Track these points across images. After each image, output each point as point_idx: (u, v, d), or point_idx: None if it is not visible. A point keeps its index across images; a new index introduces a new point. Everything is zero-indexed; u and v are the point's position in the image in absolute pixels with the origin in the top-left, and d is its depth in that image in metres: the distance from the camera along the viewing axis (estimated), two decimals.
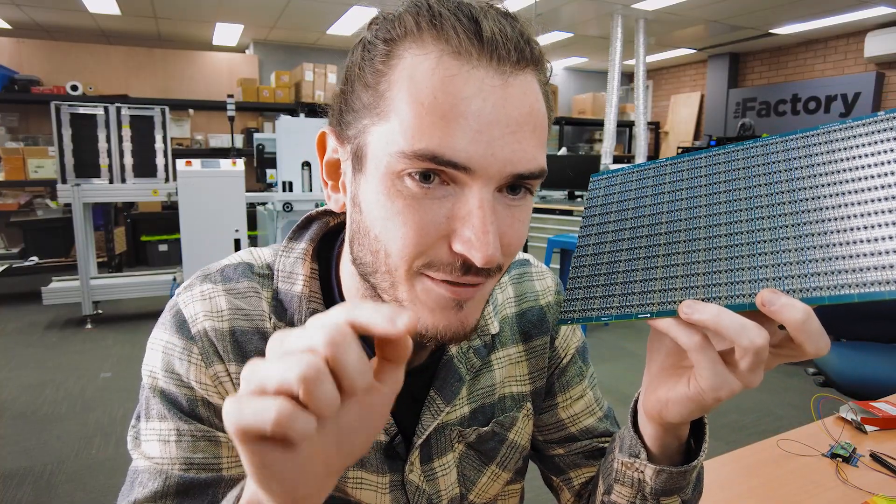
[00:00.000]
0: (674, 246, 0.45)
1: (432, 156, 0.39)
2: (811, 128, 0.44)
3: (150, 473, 0.49)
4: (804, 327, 0.37)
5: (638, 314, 0.43)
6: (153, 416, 0.51)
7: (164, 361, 0.51)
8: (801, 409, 2.91)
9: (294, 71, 6.65)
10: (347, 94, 0.45)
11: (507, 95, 0.41)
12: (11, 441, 2.46)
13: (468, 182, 0.41)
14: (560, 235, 4.38)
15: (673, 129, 8.78)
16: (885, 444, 1.05)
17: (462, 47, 0.40)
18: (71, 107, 3.97)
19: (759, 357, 0.38)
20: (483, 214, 0.40)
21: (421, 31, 0.41)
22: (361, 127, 0.44)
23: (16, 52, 6.14)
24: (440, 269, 0.42)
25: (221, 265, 0.56)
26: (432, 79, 0.40)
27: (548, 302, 0.67)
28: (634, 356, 3.70)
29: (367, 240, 0.45)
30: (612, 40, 6.06)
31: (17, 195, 5.69)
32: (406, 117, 0.40)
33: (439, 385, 0.57)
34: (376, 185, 0.42)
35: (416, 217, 0.41)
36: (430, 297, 0.44)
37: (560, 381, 0.67)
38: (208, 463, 0.50)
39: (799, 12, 5.79)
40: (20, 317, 4.32)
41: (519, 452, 0.65)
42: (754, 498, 0.90)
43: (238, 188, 3.91)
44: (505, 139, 0.40)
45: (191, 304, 0.52)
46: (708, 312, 0.39)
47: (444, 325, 0.44)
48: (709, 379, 0.40)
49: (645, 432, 0.52)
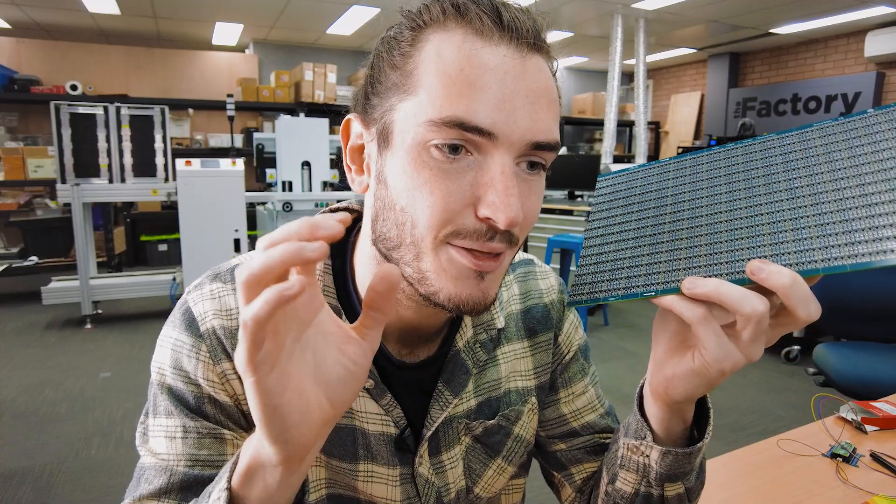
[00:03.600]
0: (677, 231, 0.48)
1: (459, 122, 0.42)
2: (807, 125, 0.48)
3: (155, 470, 0.50)
4: (791, 292, 0.38)
5: (643, 293, 0.45)
6: (160, 412, 0.52)
7: (173, 358, 0.52)
8: (801, 409, 2.91)
9: (294, 70, 6.65)
10: (373, 79, 0.48)
11: (526, 69, 0.44)
12: (11, 441, 2.46)
13: (491, 150, 0.44)
14: (560, 235, 4.38)
15: (673, 129, 8.78)
16: (885, 444, 1.04)
17: (485, 28, 0.44)
18: (70, 106, 3.97)
19: (761, 326, 0.40)
20: (506, 179, 0.43)
21: (446, 18, 0.45)
22: (388, 106, 0.47)
23: (15, 52, 6.14)
24: (466, 237, 0.45)
25: (232, 264, 0.57)
26: (458, 53, 0.44)
27: (552, 300, 0.69)
28: (634, 356, 3.70)
29: (392, 213, 0.47)
30: (612, 40, 6.06)
31: (16, 195, 5.69)
32: (434, 88, 0.43)
33: (447, 378, 0.59)
34: (403, 157, 0.45)
35: (442, 186, 0.44)
36: (455, 267, 0.46)
37: (563, 376, 0.69)
38: (213, 460, 0.51)
39: (799, 12, 5.79)
40: (20, 317, 4.32)
41: (524, 447, 0.66)
42: (754, 498, 0.90)
43: (238, 188, 3.91)
44: (525, 109, 0.44)
45: (200, 302, 0.54)
46: (710, 285, 0.41)
47: (467, 294, 0.46)
48: (713, 351, 0.42)
49: (650, 414, 0.52)
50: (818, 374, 2.27)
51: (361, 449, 0.56)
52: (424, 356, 0.58)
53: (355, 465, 0.56)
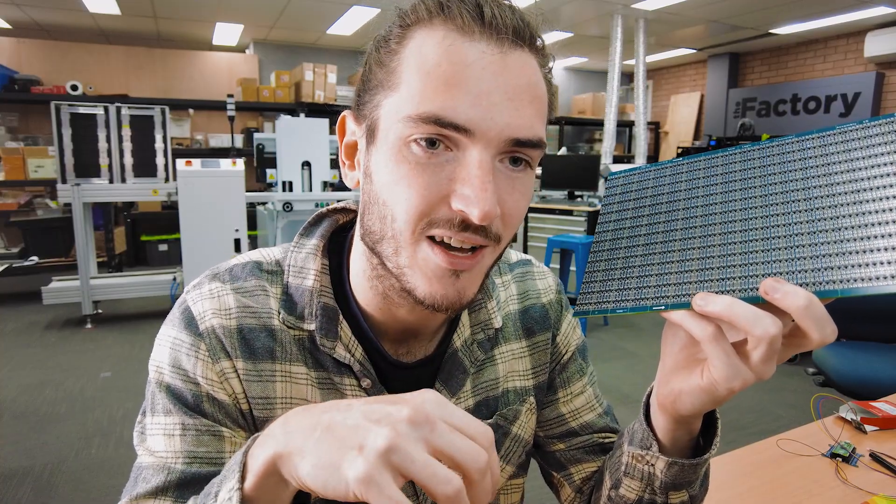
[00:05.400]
0: (689, 241, 0.46)
1: (436, 118, 0.43)
2: (828, 127, 0.45)
3: (153, 469, 0.50)
4: (807, 313, 0.37)
5: (653, 306, 0.44)
6: (158, 410, 0.52)
7: (172, 357, 0.52)
8: (801, 409, 2.91)
9: (294, 71, 6.64)
10: (364, 77, 0.49)
11: (506, 65, 0.44)
12: (11, 441, 2.46)
13: (469, 146, 0.44)
14: (560, 235, 4.38)
15: (673, 129, 8.78)
16: (885, 444, 1.05)
17: (466, 26, 0.44)
18: (71, 106, 3.97)
19: (773, 347, 0.39)
20: (482, 174, 0.43)
21: (432, 16, 0.46)
22: (375, 103, 0.48)
23: (16, 52, 6.14)
24: (441, 227, 0.45)
25: (230, 264, 0.58)
26: (437, 50, 0.44)
27: (549, 300, 0.69)
28: (634, 356, 3.70)
29: (376, 207, 0.47)
30: (612, 40, 6.06)
31: (17, 195, 5.69)
32: (413, 85, 0.44)
33: (444, 377, 0.59)
34: (386, 152, 0.46)
35: (419, 180, 0.44)
36: (429, 267, 0.46)
37: (561, 376, 0.69)
38: (211, 457, 0.51)
39: (799, 12, 5.79)
40: (20, 317, 4.32)
41: (522, 446, 0.66)
42: (754, 498, 0.90)
43: (238, 188, 3.91)
44: (504, 105, 0.44)
45: (199, 301, 0.54)
46: (721, 303, 0.40)
47: (442, 293, 0.47)
48: (722, 370, 0.41)
49: (657, 425, 0.52)
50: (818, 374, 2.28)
51: None
52: (422, 355, 0.58)
53: None
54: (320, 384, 0.55)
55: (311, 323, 0.54)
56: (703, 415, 0.50)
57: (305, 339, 0.55)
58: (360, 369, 0.54)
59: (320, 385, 0.54)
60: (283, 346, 0.54)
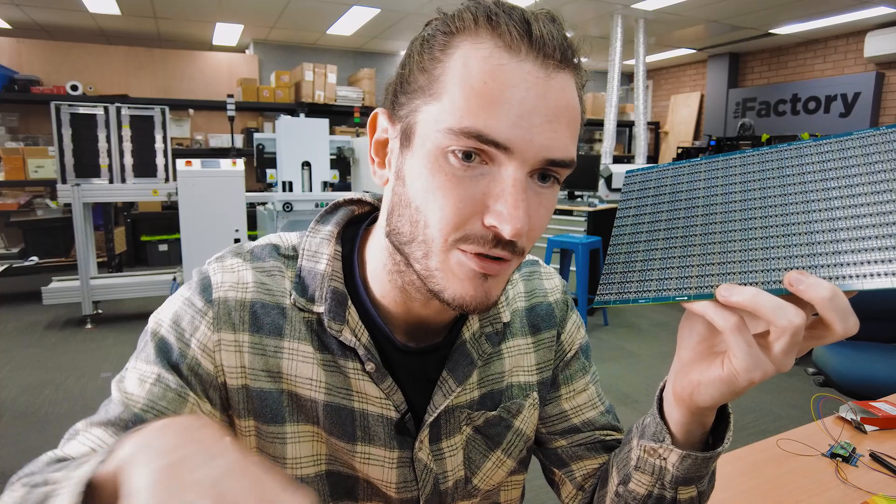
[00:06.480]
0: (710, 236, 0.48)
1: (477, 134, 0.44)
2: (845, 133, 0.47)
3: (115, 404, 0.52)
4: (832, 305, 0.38)
5: (675, 297, 0.45)
6: (142, 358, 0.54)
7: (175, 314, 0.55)
8: (801, 409, 2.91)
9: (294, 71, 6.65)
10: (403, 78, 0.50)
11: (549, 88, 0.45)
12: (11, 441, 2.46)
13: (505, 162, 0.45)
14: (560, 235, 4.37)
15: (673, 129, 8.78)
16: (885, 444, 1.05)
17: (513, 43, 0.45)
18: (71, 107, 3.97)
19: (795, 338, 0.39)
20: (516, 192, 0.44)
21: (478, 27, 0.46)
22: (413, 107, 0.48)
23: (16, 52, 6.14)
24: (474, 242, 0.46)
25: (251, 246, 0.61)
26: (484, 67, 0.44)
27: (556, 299, 0.71)
28: (634, 356, 3.70)
29: (407, 210, 0.48)
30: (612, 40, 6.07)
31: (17, 195, 5.69)
32: (457, 98, 0.45)
33: (452, 366, 0.60)
34: (421, 159, 0.47)
35: (455, 192, 0.45)
36: (462, 270, 0.47)
37: (564, 373, 0.70)
38: (167, 414, 0.52)
39: (799, 12, 5.80)
40: (20, 317, 4.32)
41: (523, 441, 0.67)
42: (754, 498, 0.90)
43: (238, 188, 3.91)
44: (543, 126, 0.45)
45: (219, 273, 0.57)
46: (746, 294, 0.40)
47: (472, 294, 0.48)
48: (743, 360, 0.41)
49: (671, 418, 0.52)
50: (818, 374, 2.28)
51: (359, 430, 0.57)
52: (431, 342, 0.60)
53: (353, 446, 0.57)
54: (325, 366, 0.56)
55: (321, 305, 0.56)
56: (717, 408, 0.51)
57: (314, 321, 0.56)
58: (364, 353, 0.55)
59: (325, 366, 0.56)
60: (293, 325, 0.56)
